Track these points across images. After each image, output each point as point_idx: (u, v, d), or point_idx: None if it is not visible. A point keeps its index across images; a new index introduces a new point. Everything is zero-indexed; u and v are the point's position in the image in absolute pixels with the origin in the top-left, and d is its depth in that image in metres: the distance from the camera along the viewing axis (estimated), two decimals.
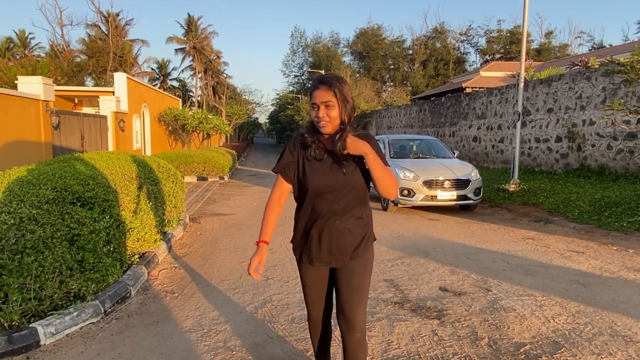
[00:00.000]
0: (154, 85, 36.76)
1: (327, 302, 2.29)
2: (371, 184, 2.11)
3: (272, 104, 57.43)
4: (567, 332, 3.31)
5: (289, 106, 42.13)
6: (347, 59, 51.73)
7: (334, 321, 2.32)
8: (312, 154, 2.03)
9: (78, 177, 4.51)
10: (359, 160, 2.02)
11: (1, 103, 8.90)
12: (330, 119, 1.95)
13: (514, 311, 3.72)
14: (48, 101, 10.47)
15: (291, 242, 2.27)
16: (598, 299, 4.02)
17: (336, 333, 2.83)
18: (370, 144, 1.98)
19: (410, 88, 46.54)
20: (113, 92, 14.90)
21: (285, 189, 2.15)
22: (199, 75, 50.77)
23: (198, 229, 7.18)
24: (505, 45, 46.56)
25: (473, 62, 51.23)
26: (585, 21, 73.70)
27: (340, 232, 2.05)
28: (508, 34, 46.03)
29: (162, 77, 52.72)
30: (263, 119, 57.04)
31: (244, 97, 52.83)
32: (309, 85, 2.17)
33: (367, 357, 2.92)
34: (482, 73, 30.41)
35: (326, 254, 2.09)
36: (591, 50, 38.97)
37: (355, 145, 1.92)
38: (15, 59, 33.05)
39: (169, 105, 21.24)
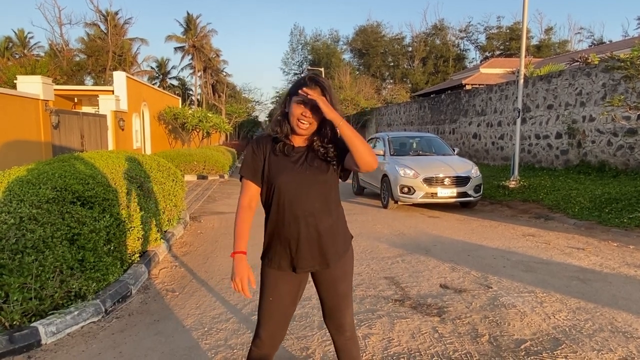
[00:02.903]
0: (153, 84, 36.71)
1: (286, 324, 2.05)
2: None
3: (272, 102, 57.43)
4: (567, 329, 3.31)
5: None
6: (346, 56, 51.74)
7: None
8: (280, 149, 1.92)
9: (78, 176, 4.51)
10: (330, 158, 1.95)
11: (1, 103, 8.89)
12: (313, 122, 1.87)
13: (514, 308, 3.72)
14: (47, 100, 10.47)
15: (262, 257, 2.03)
16: (598, 295, 4.02)
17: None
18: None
19: (410, 85, 46.50)
20: (112, 91, 14.89)
21: (254, 192, 1.99)
22: (199, 74, 50.75)
23: (198, 228, 7.18)
24: (505, 42, 46.51)
25: (473, 59, 51.22)
26: (585, 17, 73.53)
27: (320, 234, 1.92)
28: (508, 31, 45.97)
29: (161, 76, 52.67)
30: (263, 117, 57.04)
31: (243, 95, 52.80)
32: (304, 79, 1.89)
33: (369, 355, 2.93)
34: (482, 70, 30.35)
35: (308, 259, 1.93)
36: (591, 46, 38.91)
37: (327, 107, 1.79)
38: (14, 58, 33.00)
39: (169, 104, 21.22)
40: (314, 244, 1.93)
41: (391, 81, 50.11)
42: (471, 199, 8.57)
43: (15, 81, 11.18)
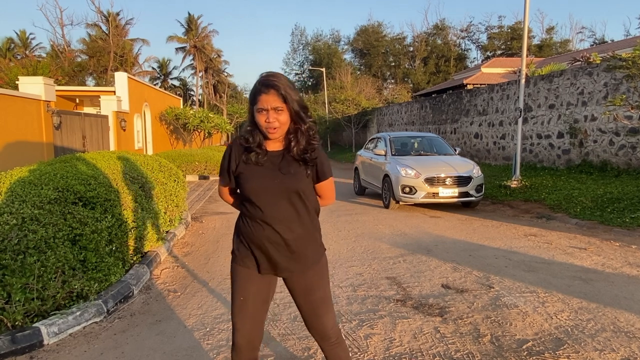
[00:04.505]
0: (154, 85, 36.75)
1: (261, 325, 2.05)
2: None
3: None
4: (569, 329, 3.31)
5: None
6: (347, 56, 51.76)
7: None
8: (251, 159, 1.91)
9: (80, 177, 4.52)
10: (304, 166, 1.93)
11: (3, 103, 8.91)
12: (280, 124, 1.85)
13: (516, 308, 3.71)
14: (49, 101, 10.49)
15: (232, 252, 2.09)
16: (600, 295, 4.02)
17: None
18: (323, 156, 1.98)
19: (411, 85, 46.49)
20: (114, 92, 14.92)
21: (229, 187, 2.10)
22: (200, 74, 50.81)
23: (200, 228, 7.19)
24: (507, 42, 46.46)
25: (474, 58, 51.21)
26: (587, 16, 73.38)
27: (287, 243, 1.91)
28: (509, 30, 45.93)
29: (163, 76, 52.76)
30: None
31: (245, 95, 52.86)
32: (255, 87, 1.88)
33: (370, 355, 2.93)
34: (483, 69, 30.35)
35: (270, 265, 1.95)
36: (593, 45, 38.86)
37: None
38: (16, 59, 33.10)
39: (170, 105, 21.26)
40: (278, 252, 1.92)
41: (392, 81, 50.11)
42: (473, 198, 8.55)
43: (17, 82, 11.22)
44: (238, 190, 2.06)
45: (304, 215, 1.95)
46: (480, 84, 23.91)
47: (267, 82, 1.83)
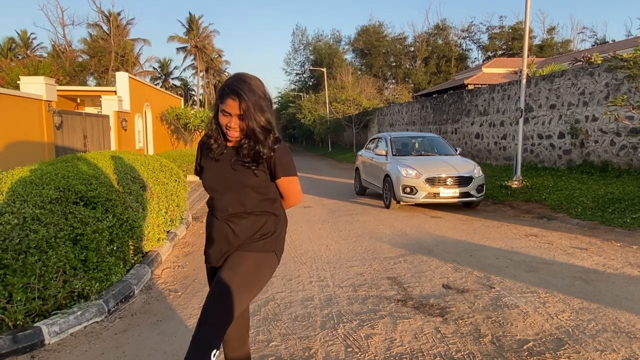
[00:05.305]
0: (155, 85, 36.76)
1: (241, 315, 2.12)
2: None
3: (274, 103, 57.38)
4: (570, 329, 3.31)
5: (291, 104, 42.15)
6: (348, 56, 51.77)
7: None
8: (210, 154, 2.01)
9: (81, 176, 4.53)
10: (248, 164, 1.93)
11: (4, 103, 8.92)
12: (241, 130, 1.90)
13: (517, 308, 3.71)
14: (50, 101, 10.50)
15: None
16: (601, 295, 4.01)
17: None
18: (282, 153, 1.96)
19: (412, 85, 46.50)
20: (115, 92, 14.92)
21: None
22: (201, 74, 50.86)
23: (201, 228, 7.19)
24: (508, 42, 46.45)
25: (475, 58, 51.20)
26: (588, 17, 73.50)
27: (226, 233, 1.98)
28: (510, 30, 45.93)
29: (163, 76, 52.81)
30: None
31: None
32: (224, 87, 1.89)
33: (371, 355, 2.93)
34: (484, 69, 30.35)
35: (215, 256, 2.03)
36: (594, 45, 38.83)
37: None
38: (17, 59, 33.19)
39: (171, 105, 21.26)
40: (223, 243, 2.00)
41: (393, 81, 50.11)
42: (474, 199, 8.55)
43: (18, 82, 11.23)
44: None
45: (254, 210, 1.99)
46: (481, 84, 23.92)
47: (236, 91, 1.83)
